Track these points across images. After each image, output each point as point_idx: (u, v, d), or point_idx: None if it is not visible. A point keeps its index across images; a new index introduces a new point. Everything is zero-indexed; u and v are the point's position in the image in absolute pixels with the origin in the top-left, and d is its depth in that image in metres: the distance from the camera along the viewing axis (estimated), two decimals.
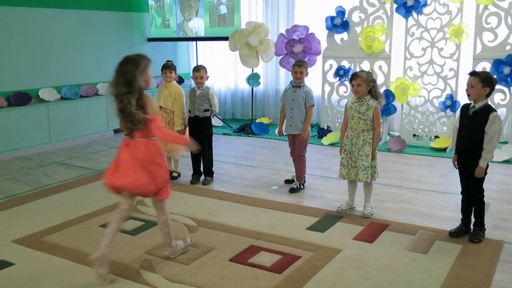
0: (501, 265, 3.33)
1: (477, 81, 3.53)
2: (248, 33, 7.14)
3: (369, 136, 4.12)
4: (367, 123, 4.11)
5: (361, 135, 4.13)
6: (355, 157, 4.16)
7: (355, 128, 4.15)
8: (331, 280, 3.14)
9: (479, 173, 3.59)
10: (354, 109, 4.14)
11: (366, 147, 4.12)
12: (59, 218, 4.27)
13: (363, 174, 4.13)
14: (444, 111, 6.59)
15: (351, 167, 4.21)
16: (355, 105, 4.14)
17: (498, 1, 6.06)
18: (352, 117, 4.16)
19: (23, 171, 5.83)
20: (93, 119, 7.59)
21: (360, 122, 4.12)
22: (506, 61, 5.99)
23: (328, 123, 7.50)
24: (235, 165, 5.95)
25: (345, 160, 4.24)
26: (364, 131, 4.12)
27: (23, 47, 6.80)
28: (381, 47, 6.83)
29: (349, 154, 4.20)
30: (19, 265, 3.40)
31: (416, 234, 3.83)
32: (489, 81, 3.53)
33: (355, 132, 4.16)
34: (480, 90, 3.54)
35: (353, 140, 4.16)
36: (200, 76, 5.09)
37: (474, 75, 3.58)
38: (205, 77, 5.14)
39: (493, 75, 3.65)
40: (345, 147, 4.23)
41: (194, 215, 4.30)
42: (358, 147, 4.14)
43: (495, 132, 3.51)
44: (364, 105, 4.10)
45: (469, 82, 3.59)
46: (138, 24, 8.60)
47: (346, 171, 4.24)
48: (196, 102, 5.12)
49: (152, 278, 3.19)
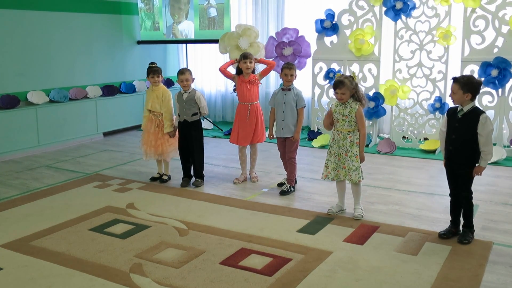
0: (490, 266, 3.35)
1: (458, 88, 3.56)
2: (238, 35, 7.14)
3: (355, 137, 4.18)
4: (352, 124, 4.16)
5: (347, 136, 4.17)
6: (343, 159, 4.19)
7: (341, 130, 4.19)
8: (321, 282, 3.14)
9: (478, 172, 3.62)
10: (338, 112, 4.19)
11: (354, 148, 4.16)
12: (48, 222, 4.23)
13: (355, 174, 4.15)
14: (433, 113, 6.64)
15: (339, 169, 4.23)
16: (339, 108, 4.20)
17: (486, 5, 6.13)
18: (337, 120, 4.21)
19: (11, 175, 5.78)
20: (82, 122, 7.55)
21: (345, 124, 4.17)
22: (494, 64, 6.05)
23: (318, 126, 7.53)
24: (226, 168, 5.94)
25: (333, 162, 4.25)
26: (350, 132, 4.17)
27: (11, 50, 6.74)
28: (371, 49, 6.86)
29: (337, 156, 4.22)
30: (7, 269, 3.36)
31: (406, 235, 3.85)
32: (470, 87, 3.53)
33: (341, 135, 4.20)
34: (462, 96, 3.56)
35: (340, 142, 4.20)
36: (186, 79, 5.05)
37: (455, 82, 3.60)
38: (190, 79, 5.09)
39: (476, 79, 3.64)
40: (331, 149, 4.27)
41: (185, 218, 4.29)
42: (346, 149, 4.17)
43: (488, 133, 3.53)
44: (347, 108, 4.15)
45: (451, 88, 3.63)
46: (127, 27, 8.56)
47: (335, 173, 4.26)
48: (184, 106, 5.10)
49: (142, 281, 3.17)
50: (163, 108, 5.23)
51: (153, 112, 5.26)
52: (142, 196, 4.92)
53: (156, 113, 5.26)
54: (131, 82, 8.58)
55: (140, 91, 8.51)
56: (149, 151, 5.30)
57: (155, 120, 5.26)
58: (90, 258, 3.53)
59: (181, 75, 5.06)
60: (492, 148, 3.60)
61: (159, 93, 5.25)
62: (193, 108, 5.10)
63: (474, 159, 3.62)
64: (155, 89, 5.28)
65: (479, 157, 3.60)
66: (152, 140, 5.28)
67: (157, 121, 5.26)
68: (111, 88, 8.08)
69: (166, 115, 5.24)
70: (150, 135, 5.29)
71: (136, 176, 5.62)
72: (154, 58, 8.70)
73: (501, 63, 6.00)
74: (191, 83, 5.12)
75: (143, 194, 5.00)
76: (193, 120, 5.13)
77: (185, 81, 5.05)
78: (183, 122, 5.14)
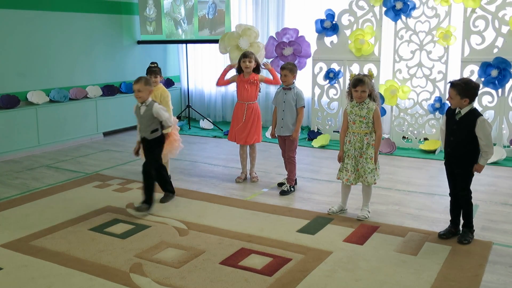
0: (489, 266, 3.36)
1: (455, 93, 3.56)
2: (238, 35, 7.14)
3: (372, 139, 4.12)
4: (369, 126, 4.10)
5: (364, 138, 4.11)
6: (358, 161, 4.15)
7: (358, 132, 4.12)
8: (321, 282, 3.15)
9: (478, 170, 3.63)
10: (355, 114, 4.11)
11: (369, 150, 4.11)
12: (48, 222, 4.23)
13: (371, 176, 4.12)
14: (433, 114, 6.65)
15: (355, 171, 4.19)
16: (355, 109, 4.11)
17: (486, 5, 6.13)
18: (353, 121, 4.12)
19: (11, 175, 5.78)
20: (82, 122, 7.55)
21: (362, 126, 4.10)
22: (494, 64, 6.06)
23: (318, 126, 7.53)
24: (226, 168, 5.95)
25: (351, 165, 4.17)
26: (366, 134, 4.11)
27: (10, 49, 6.74)
28: (371, 50, 6.87)
29: (353, 159, 4.17)
30: (7, 269, 3.36)
31: (406, 236, 3.85)
32: (468, 92, 3.53)
33: (357, 137, 4.13)
34: (460, 101, 3.56)
35: (356, 144, 4.14)
36: (138, 89, 4.25)
37: (452, 87, 3.59)
38: (144, 90, 4.27)
39: (474, 82, 3.62)
40: (348, 152, 4.19)
41: (185, 218, 4.29)
42: (362, 151, 4.13)
43: (488, 135, 3.54)
44: (364, 109, 4.08)
45: (449, 93, 3.63)
46: (127, 27, 8.56)
47: (353, 176, 4.18)
48: (141, 122, 4.40)
49: (142, 281, 3.18)
50: None
51: None
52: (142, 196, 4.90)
53: None
54: (131, 82, 8.58)
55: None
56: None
57: None
58: (90, 258, 3.53)
59: (134, 85, 4.28)
60: (493, 149, 3.61)
61: (158, 93, 5.24)
62: (153, 124, 4.38)
63: (472, 160, 3.64)
64: (154, 89, 5.26)
65: (478, 156, 3.61)
66: None
67: None
68: (111, 88, 8.08)
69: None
70: None
71: (136, 176, 5.61)
72: (154, 58, 8.70)
73: (501, 63, 6.01)
74: (146, 95, 4.31)
75: None
76: (153, 137, 4.42)
77: (137, 91, 4.27)
78: (142, 139, 4.48)
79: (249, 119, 5.21)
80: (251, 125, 5.23)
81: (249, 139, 5.26)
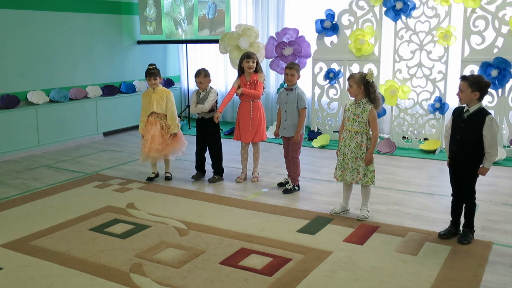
0: (489, 266, 3.36)
1: (466, 86, 3.54)
2: (238, 35, 7.14)
3: (361, 139, 4.12)
4: (361, 125, 4.11)
5: (354, 137, 4.13)
6: (347, 159, 4.18)
7: (349, 129, 4.17)
8: (321, 282, 3.15)
9: (483, 173, 3.62)
10: (350, 111, 4.17)
11: (357, 150, 4.13)
12: (48, 222, 4.23)
13: (350, 175, 4.15)
14: (433, 114, 6.65)
15: (343, 169, 4.22)
16: (352, 107, 4.17)
17: (486, 5, 6.13)
18: (348, 118, 4.18)
19: (11, 175, 5.78)
20: (82, 122, 7.55)
21: (354, 124, 4.13)
22: (494, 64, 6.06)
23: (319, 126, 7.53)
24: (226, 168, 5.93)
25: (339, 162, 4.25)
26: (357, 133, 4.13)
27: (11, 49, 6.74)
28: (371, 50, 6.87)
29: (343, 155, 4.22)
30: (7, 269, 3.36)
31: (406, 236, 3.85)
32: (479, 86, 3.52)
33: (349, 134, 4.17)
34: (470, 95, 3.54)
35: (347, 141, 4.18)
36: (199, 82, 5.25)
37: (463, 80, 3.58)
38: (204, 81, 5.27)
39: (486, 79, 3.61)
40: (340, 149, 4.25)
41: (185, 218, 4.29)
42: (351, 149, 4.15)
43: (494, 135, 3.52)
44: (360, 108, 4.11)
45: (459, 86, 3.61)
46: (127, 27, 8.56)
47: (339, 173, 4.25)
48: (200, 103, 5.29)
49: (142, 281, 3.18)
50: (169, 109, 5.24)
51: (156, 113, 5.25)
52: (142, 196, 4.92)
53: (159, 115, 5.26)
54: (131, 82, 8.59)
55: (140, 91, 8.50)
56: (154, 154, 5.23)
57: (160, 122, 5.25)
58: (90, 258, 3.53)
59: (196, 78, 5.31)
60: (497, 150, 3.58)
61: (162, 94, 5.25)
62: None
63: (478, 160, 3.61)
64: (157, 90, 5.27)
65: (483, 158, 3.60)
66: (158, 143, 5.21)
67: (162, 123, 5.25)
68: (111, 88, 8.08)
69: (172, 115, 5.26)
70: (156, 137, 5.20)
71: (136, 176, 5.62)
72: (154, 58, 8.73)
73: (501, 63, 6.01)
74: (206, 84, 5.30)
75: (143, 194, 5.00)
76: (210, 116, 5.31)
77: (199, 83, 5.28)
78: (200, 118, 5.36)
79: (256, 116, 5.25)
80: (258, 123, 5.26)
81: (257, 136, 5.29)
